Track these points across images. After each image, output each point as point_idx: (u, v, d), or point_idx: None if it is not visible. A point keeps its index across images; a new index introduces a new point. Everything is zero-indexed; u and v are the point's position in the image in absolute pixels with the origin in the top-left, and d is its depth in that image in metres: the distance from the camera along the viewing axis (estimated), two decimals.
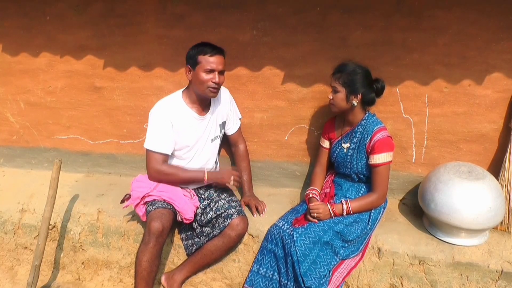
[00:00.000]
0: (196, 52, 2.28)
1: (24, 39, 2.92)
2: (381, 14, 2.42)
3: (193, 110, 2.41)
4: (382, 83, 2.33)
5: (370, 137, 2.31)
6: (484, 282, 2.21)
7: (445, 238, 2.34)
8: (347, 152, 2.42)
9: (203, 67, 2.27)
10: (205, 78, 2.28)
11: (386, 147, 2.29)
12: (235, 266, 2.49)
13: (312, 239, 2.22)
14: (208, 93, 2.34)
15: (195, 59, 2.28)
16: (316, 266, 2.18)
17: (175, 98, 2.43)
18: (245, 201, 2.60)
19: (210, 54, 2.26)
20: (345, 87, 2.27)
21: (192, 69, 2.31)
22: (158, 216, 2.27)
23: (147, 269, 2.21)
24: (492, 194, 2.24)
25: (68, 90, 3.00)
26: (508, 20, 2.29)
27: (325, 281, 2.17)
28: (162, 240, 2.27)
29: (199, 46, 2.31)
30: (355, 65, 2.29)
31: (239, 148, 2.71)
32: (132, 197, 2.45)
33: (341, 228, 2.27)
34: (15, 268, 2.84)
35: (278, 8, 2.52)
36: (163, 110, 2.37)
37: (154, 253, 2.22)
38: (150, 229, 2.23)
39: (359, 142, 2.36)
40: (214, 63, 2.27)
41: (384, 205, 2.49)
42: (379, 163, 2.30)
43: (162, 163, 2.37)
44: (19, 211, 2.85)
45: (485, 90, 2.43)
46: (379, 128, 2.31)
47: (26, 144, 3.24)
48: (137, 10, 2.69)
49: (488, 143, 2.53)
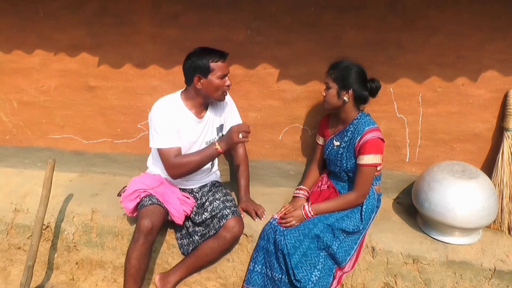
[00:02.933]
0: (206, 60, 2.25)
1: (17, 38, 2.91)
2: (375, 14, 2.42)
3: (192, 113, 2.40)
4: (378, 83, 2.33)
5: (360, 137, 2.30)
6: (478, 281, 2.22)
7: (439, 237, 2.35)
8: (337, 150, 2.42)
9: (216, 74, 2.27)
10: (220, 83, 2.29)
11: (374, 148, 2.28)
12: (230, 265, 2.49)
13: (302, 232, 2.24)
14: (221, 97, 2.37)
15: (206, 67, 2.26)
16: (307, 258, 2.19)
17: (174, 100, 2.41)
18: (242, 207, 2.57)
19: (222, 60, 2.28)
20: (337, 83, 2.28)
21: (203, 77, 2.28)
22: (148, 214, 2.27)
23: (136, 267, 2.22)
24: (485, 193, 2.25)
25: (61, 89, 2.98)
26: (501, 20, 2.30)
27: (316, 273, 2.18)
28: (152, 238, 2.26)
29: (204, 53, 2.28)
30: (349, 63, 2.30)
31: (238, 152, 2.68)
32: (127, 190, 2.46)
33: (332, 221, 2.28)
34: (8, 269, 2.82)
35: (272, 8, 2.52)
36: (164, 109, 2.36)
37: (143, 250, 2.22)
38: (139, 227, 2.24)
39: (350, 141, 2.36)
40: (226, 68, 2.30)
41: (377, 205, 2.50)
42: (365, 163, 2.29)
43: (175, 157, 2.33)
44: (12, 211, 2.83)
45: (479, 89, 2.44)
46: (370, 129, 2.30)
47: (19, 144, 3.22)
48: (131, 9, 2.68)
49: (481, 143, 2.54)
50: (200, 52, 2.29)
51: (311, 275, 2.17)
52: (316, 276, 2.17)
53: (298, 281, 2.15)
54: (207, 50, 2.30)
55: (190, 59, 2.30)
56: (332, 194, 2.46)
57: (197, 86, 2.31)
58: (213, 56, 2.27)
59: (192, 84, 2.33)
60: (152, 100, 2.80)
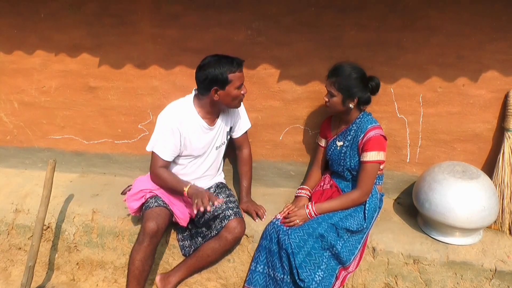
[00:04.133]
0: (224, 72, 2.18)
1: (17, 38, 2.91)
2: (375, 14, 2.42)
3: (204, 121, 2.37)
4: (377, 80, 2.33)
5: (364, 134, 2.31)
6: (478, 281, 2.22)
7: (440, 238, 2.35)
8: (340, 149, 2.43)
9: (235, 85, 2.23)
10: (237, 93, 2.27)
11: (377, 145, 2.29)
12: (230, 266, 2.49)
13: (306, 231, 2.24)
14: (238, 105, 2.36)
15: (225, 79, 2.19)
16: (311, 258, 2.19)
17: (186, 106, 2.36)
18: (243, 208, 2.56)
19: (239, 70, 2.23)
20: (342, 92, 2.27)
21: (220, 89, 2.22)
22: (153, 216, 2.27)
23: (140, 268, 2.22)
24: (486, 194, 2.25)
25: (62, 89, 2.98)
26: (501, 20, 2.30)
27: (319, 273, 2.18)
28: (156, 240, 2.26)
29: (221, 64, 2.19)
30: (350, 68, 2.27)
31: (243, 153, 2.67)
32: (132, 189, 2.46)
33: (336, 220, 2.28)
34: (8, 269, 2.82)
35: (273, 8, 2.51)
36: (173, 117, 2.32)
37: (147, 252, 2.22)
38: (145, 229, 2.23)
39: (353, 140, 2.37)
40: (243, 76, 2.27)
41: (380, 205, 2.49)
42: (368, 160, 2.30)
43: (160, 167, 2.36)
44: (13, 211, 2.83)
45: (479, 90, 2.44)
46: (373, 127, 2.32)
47: (20, 144, 3.22)
48: (131, 9, 2.68)
49: (482, 143, 2.54)
50: (216, 63, 2.20)
51: (315, 275, 2.17)
52: (320, 276, 2.18)
53: (302, 280, 2.15)
54: (224, 60, 2.21)
55: (206, 69, 2.21)
56: (335, 193, 2.46)
57: (214, 98, 2.26)
58: (231, 67, 2.19)
59: (209, 95, 2.27)
60: (153, 101, 2.82)
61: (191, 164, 2.48)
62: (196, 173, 2.51)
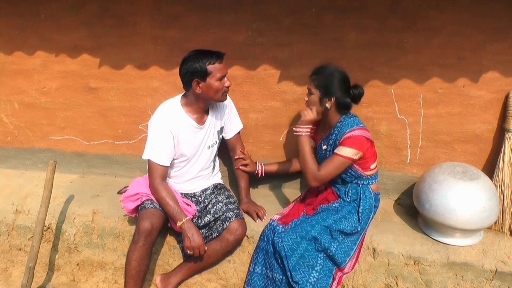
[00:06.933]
0: (203, 63, 2.21)
1: (18, 39, 2.91)
2: (376, 15, 2.42)
3: (193, 120, 2.38)
4: (361, 89, 2.31)
5: (341, 137, 2.27)
6: (479, 282, 2.22)
7: (440, 238, 2.34)
8: (325, 153, 2.41)
9: (215, 76, 2.23)
10: (219, 85, 2.26)
11: (354, 144, 2.22)
12: (230, 266, 2.48)
13: (299, 234, 2.23)
14: (223, 98, 2.35)
15: (204, 70, 2.21)
16: (305, 260, 2.19)
17: (174, 107, 2.37)
18: (243, 208, 2.56)
19: (219, 61, 2.24)
20: (319, 90, 2.27)
21: (201, 81, 2.24)
22: (148, 216, 2.27)
23: (136, 268, 2.22)
24: (486, 194, 2.25)
25: (62, 90, 2.98)
26: (502, 21, 2.30)
27: (314, 274, 2.17)
28: (151, 239, 2.27)
29: (200, 56, 2.22)
30: (334, 69, 2.27)
31: (237, 154, 2.67)
32: (128, 190, 2.46)
33: (329, 223, 2.27)
34: (9, 270, 2.82)
35: (273, 9, 2.52)
36: (164, 120, 2.33)
37: (143, 252, 2.23)
38: (139, 228, 2.24)
39: (334, 144, 2.34)
40: (224, 69, 2.27)
41: (376, 204, 2.46)
42: (338, 152, 2.24)
43: (161, 179, 2.35)
44: (13, 212, 2.83)
45: (480, 91, 2.44)
46: (352, 129, 2.26)
47: (20, 145, 3.22)
48: (132, 10, 2.68)
49: (482, 144, 2.54)
50: (195, 56, 2.24)
51: (309, 277, 2.16)
52: (314, 277, 2.17)
53: (296, 282, 2.15)
54: (203, 53, 2.25)
55: (186, 63, 2.25)
56: (330, 195, 2.45)
57: (197, 91, 2.28)
58: (210, 58, 2.22)
59: (191, 89, 2.30)
60: (153, 101, 2.82)
61: (184, 165, 2.47)
62: (190, 173, 2.51)
